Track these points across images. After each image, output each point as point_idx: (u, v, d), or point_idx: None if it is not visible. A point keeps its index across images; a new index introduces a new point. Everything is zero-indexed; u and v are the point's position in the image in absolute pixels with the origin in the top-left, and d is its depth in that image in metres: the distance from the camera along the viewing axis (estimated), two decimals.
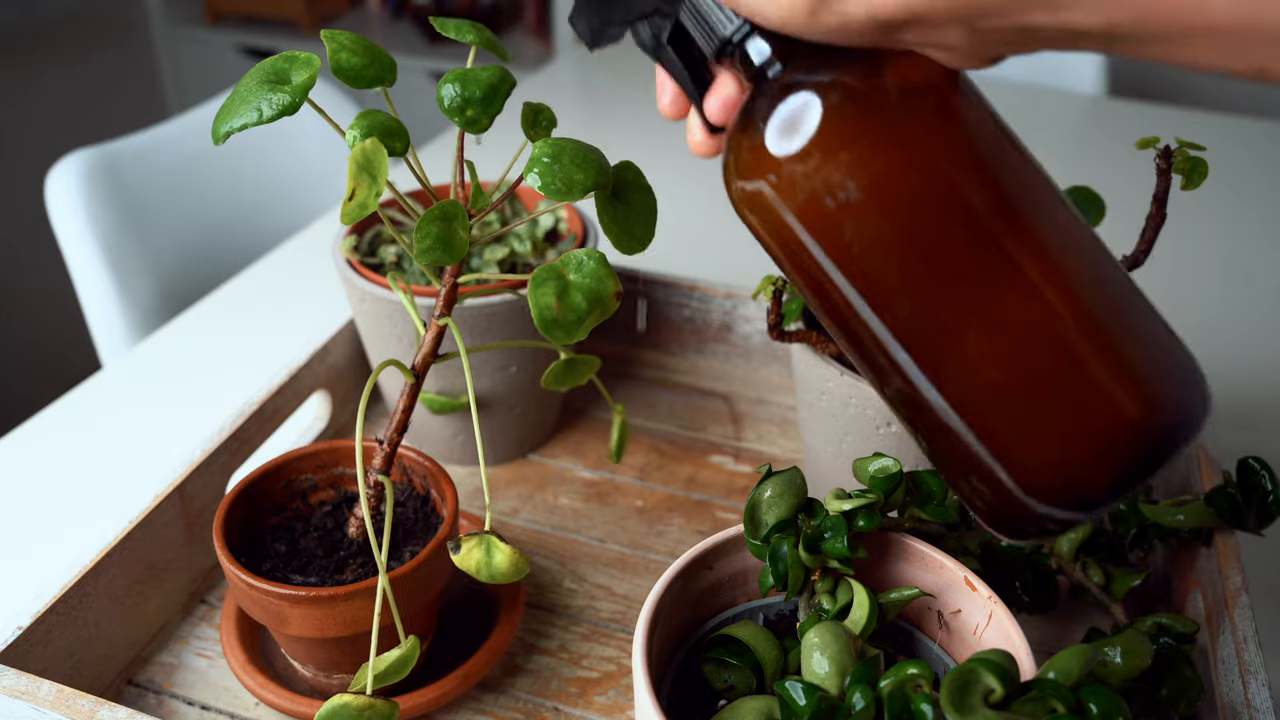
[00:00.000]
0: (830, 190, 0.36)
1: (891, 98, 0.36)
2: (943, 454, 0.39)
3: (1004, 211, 0.36)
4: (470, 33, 0.48)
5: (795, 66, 0.37)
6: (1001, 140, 0.37)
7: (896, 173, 0.35)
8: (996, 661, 0.36)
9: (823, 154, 0.36)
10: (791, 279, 0.39)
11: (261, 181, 1.22)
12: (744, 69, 0.39)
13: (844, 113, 0.35)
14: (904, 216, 0.35)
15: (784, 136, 0.36)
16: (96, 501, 0.69)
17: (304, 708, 0.50)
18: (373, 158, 0.41)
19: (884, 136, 0.35)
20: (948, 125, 0.36)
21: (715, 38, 0.39)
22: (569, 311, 0.42)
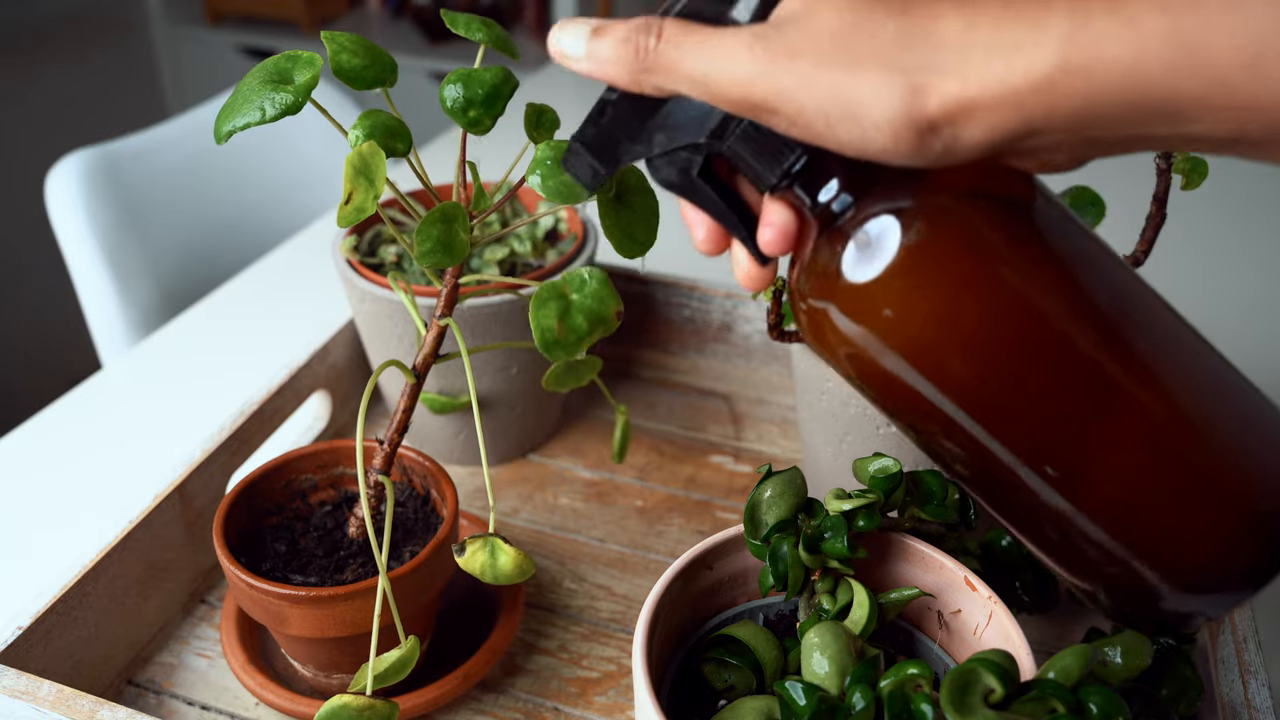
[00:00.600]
0: (938, 318, 0.34)
1: (982, 212, 0.33)
2: (1071, 558, 0.37)
3: (1106, 315, 0.34)
4: (480, 30, 0.47)
5: (872, 191, 0.35)
6: (1084, 234, 0.35)
7: (1002, 289, 0.33)
8: (996, 661, 0.36)
9: (925, 282, 0.33)
10: (885, 408, 0.37)
11: (262, 181, 1.22)
12: (808, 200, 0.36)
13: (940, 235, 0.33)
14: (1011, 335, 0.34)
15: (873, 266, 0.34)
16: (97, 501, 0.69)
17: (304, 708, 0.50)
18: (370, 161, 0.41)
19: (983, 254, 0.33)
20: (1039, 232, 0.34)
21: (775, 170, 0.35)
22: (570, 333, 0.42)
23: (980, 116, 0.31)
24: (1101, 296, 0.34)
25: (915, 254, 0.33)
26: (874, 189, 0.35)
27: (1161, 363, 0.35)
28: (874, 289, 0.34)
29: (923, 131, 0.31)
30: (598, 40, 0.35)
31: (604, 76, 0.36)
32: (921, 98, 0.31)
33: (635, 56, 0.34)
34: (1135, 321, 0.35)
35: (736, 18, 0.34)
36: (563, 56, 0.36)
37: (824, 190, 0.35)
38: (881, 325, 0.34)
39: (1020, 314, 0.33)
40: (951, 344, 0.34)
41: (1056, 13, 0.29)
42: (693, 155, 0.36)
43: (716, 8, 0.35)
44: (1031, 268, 0.34)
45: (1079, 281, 0.34)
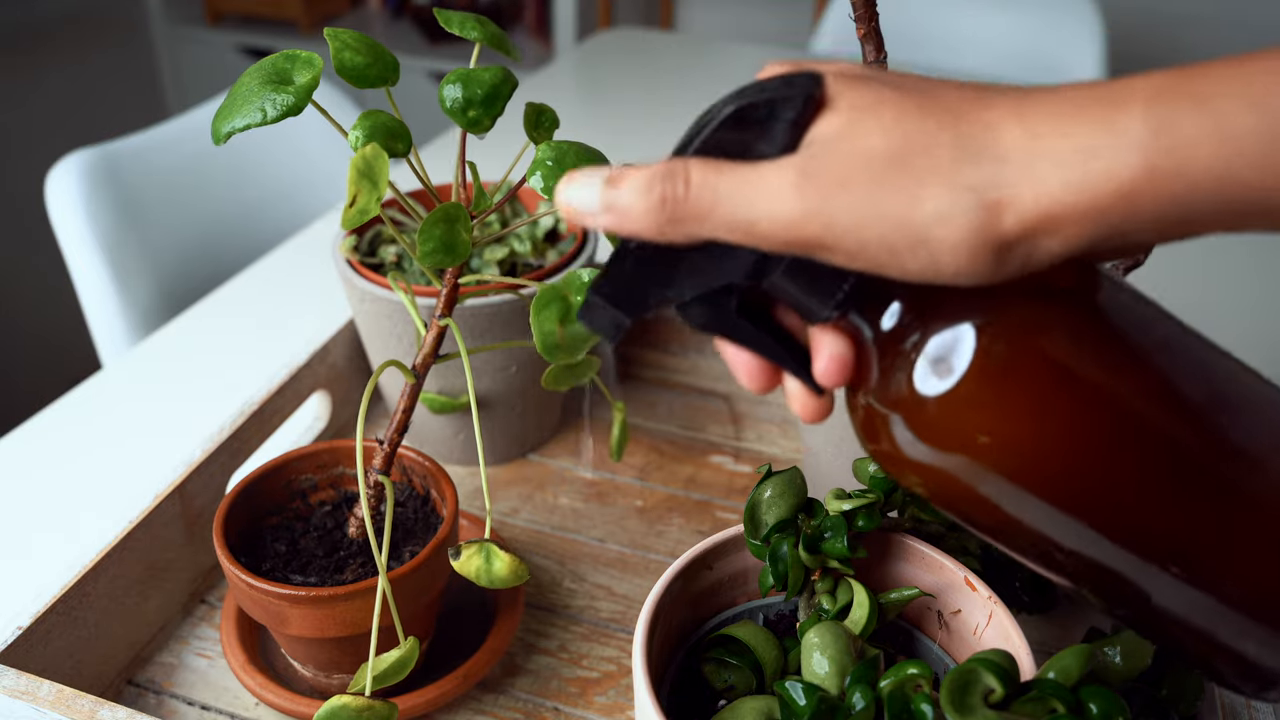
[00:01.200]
0: (1029, 429, 0.31)
1: (1055, 313, 0.32)
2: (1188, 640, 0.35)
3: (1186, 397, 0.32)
4: (475, 28, 0.47)
5: (935, 308, 0.32)
6: (1155, 312, 0.34)
7: (1091, 391, 0.31)
8: (996, 661, 0.36)
9: (1011, 398, 0.31)
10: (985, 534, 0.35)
11: (262, 181, 1.22)
12: (865, 324, 0.33)
13: (1014, 343, 0.31)
14: (1105, 438, 0.32)
15: (951, 385, 0.32)
16: (97, 501, 0.69)
17: (304, 708, 0.50)
18: (373, 164, 0.41)
19: (1060, 353, 0.31)
20: (1113, 323, 0.32)
21: (828, 304, 0.32)
22: (571, 336, 0.43)
23: (1061, 229, 0.28)
24: (1188, 380, 0.33)
25: (991, 370, 0.31)
26: (937, 305, 0.32)
27: (1260, 435, 0.33)
28: (952, 412, 0.32)
29: (999, 251, 0.29)
30: (615, 191, 0.31)
31: (628, 231, 0.32)
32: (996, 216, 0.28)
33: (661, 208, 0.31)
34: (1218, 392, 0.33)
35: (764, 150, 0.31)
36: (575, 214, 0.32)
37: (883, 315, 0.33)
38: (969, 446, 0.32)
39: (1107, 414, 0.32)
40: (1043, 456, 0.32)
41: (1132, 114, 0.27)
42: (728, 297, 0.33)
43: (741, 138, 0.31)
44: (1108, 363, 0.32)
45: (1156, 364, 0.32)
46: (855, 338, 0.34)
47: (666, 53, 1.67)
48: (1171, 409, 0.32)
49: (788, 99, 0.31)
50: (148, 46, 2.45)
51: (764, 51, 1.67)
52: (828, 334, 0.34)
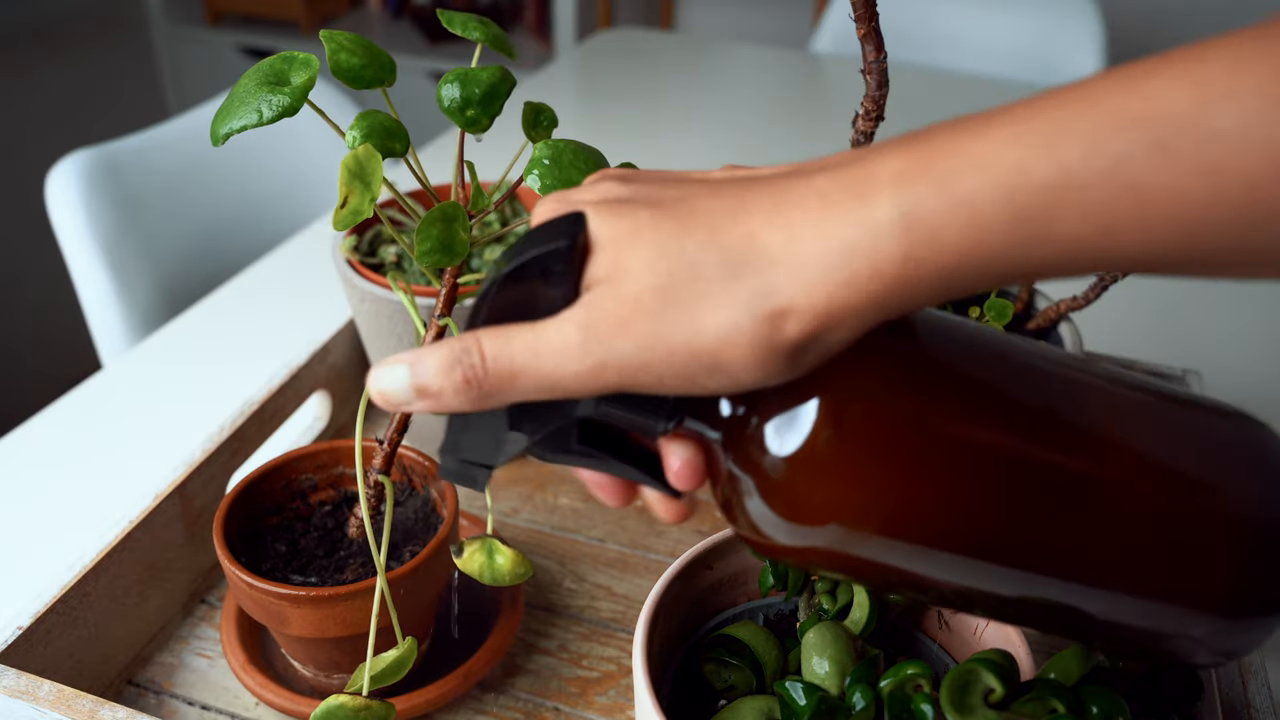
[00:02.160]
0: (888, 486, 0.32)
1: (883, 376, 0.32)
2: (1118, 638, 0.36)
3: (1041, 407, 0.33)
4: (477, 29, 0.47)
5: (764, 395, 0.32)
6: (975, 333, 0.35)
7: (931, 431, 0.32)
8: (996, 661, 0.36)
9: (857, 458, 0.32)
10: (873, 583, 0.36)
11: (262, 181, 1.22)
12: (703, 425, 0.34)
13: (849, 409, 0.32)
14: (960, 468, 0.32)
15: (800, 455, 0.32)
16: (97, 501, 0.69)
17: (304, 707, 0.50)
18: (365, 164, 0.41)
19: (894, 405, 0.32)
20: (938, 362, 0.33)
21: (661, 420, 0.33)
22: None
23: (843, 323, 0.29)
24: (1026, 390, 0.33)
25: (831, 437, 0.32)
26: (766, 391, 0.32)
27: (1109, 429, 0.34)
28: (806, 485, 0.32)
29: (791, 355, 0.29)
30: (419, 375, 0.32)
31: (446, 410, 0.32)
32: (777, 326, 0.28)
33: (468, 386, 0.31)
34: (1069, 405, 0.34)
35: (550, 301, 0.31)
36: (388, 402, 0.32)
37: (716, 412, 0.34)
38: (832, 516, 0.33)
39: (948, 447, 0.32)
40: (903, 505, 0.33)
41: (881, 204, 0.27)
42: (567, 432, 0.34)
43: (522, 295, 0.32)
44: (942, 397, 0.32)
45: (996, 385, 0.33)
46: (699, 439, 0.34)
47: (666, 53, 1.67)
48: (1010, 424, 0.33)
49: (555, 251, 0.31)
50: (148, 46, 2.45)
51: (764, 51, 1.67)
52: (673, 444, 0.34)
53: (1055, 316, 0.59)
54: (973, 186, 0.27)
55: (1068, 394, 0.34)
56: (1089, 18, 1.62)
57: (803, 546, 0.34)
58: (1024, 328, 0.61)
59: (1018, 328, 0.61)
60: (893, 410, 0.32)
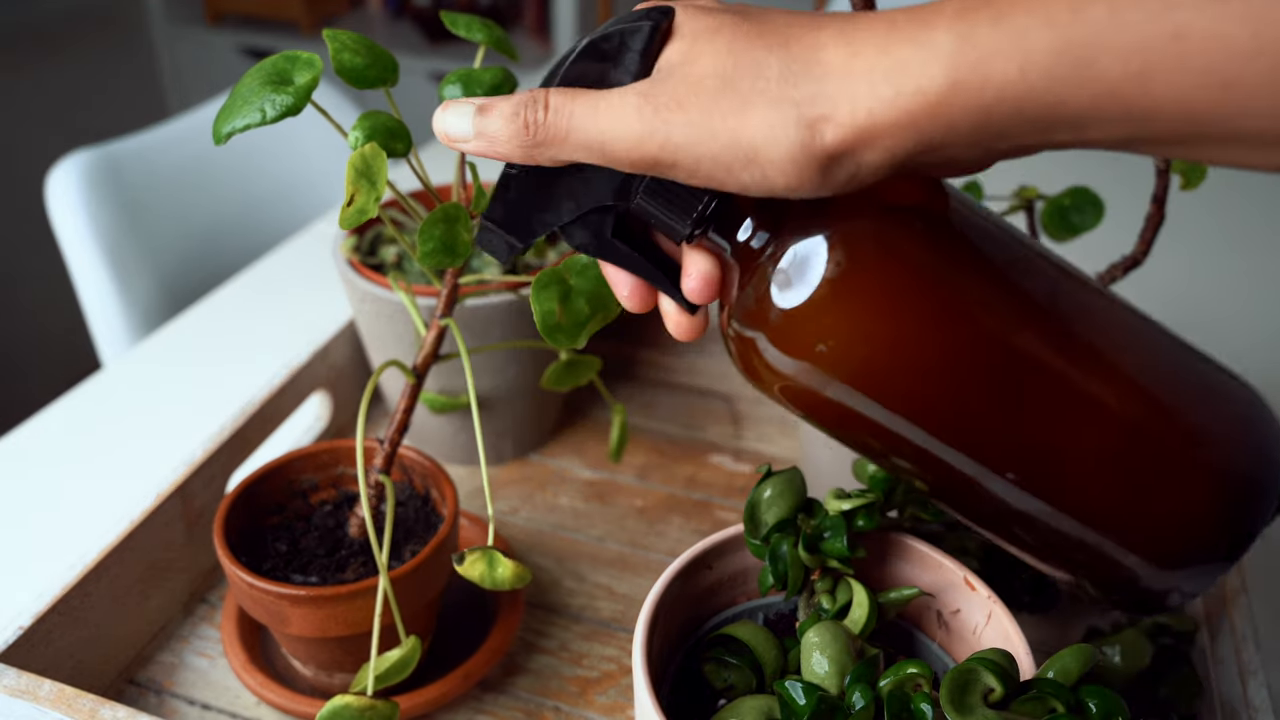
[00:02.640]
0: (874, 340, 0.33)
1: (897, 227, 0.33)
2: (1044, 551, 0.37)
3: (1041, 309, 0.34)
4: (480, 31, 0.48)
5: (787, 223, 0.34)
6: (1003, 231, 0.35)
7: (928, 300, 0.33)
8: (996, 661, 0.36)
9: (854, 306, 0.33)
10: (845, 438, 0.37)
11: (262, 181, 1.22)
12: (726, 244, 0.35)
13: (864, 258, 0.33)
14: (947, 345, 0.33)
15: (808, 299, 0.33)
16: (97, 501, 0.69)
17: (305, 707, 0.50)
18: (372, 163, 0.41)
19: (904, 268, 0.33)
20: (957, 236, 0.34)
21: (686, 221, 0.34)
22: (572, 316, 0.42)
23: (878, 141, 0.30)
24: (1033, 290, 0.34)
25: (839, 280, 0.33)
26: (788, 221, 0.34)
27: (1107, 348, 0.34)
28: (805, 321, 0.34)
29: (824, 164, 0.30)
30: (485, 118, 0.34)
31: (497, 155, 0.35)
32: (817, 131, 0.30)
33: (525, 132, 0.34)
34: (1072, 311, 0.34)
35: (620, 78, 0.33)
36: (449, 139, 0.35)
37: (739, 231, 0.35)
38: (819, 355, 0.34)
39: (951, 322, 0.33)
40: (892, 363, 0.34)
41: (939, 30, 0.29)
42: (603, 217, 0.36)
43: (600, 69, 0.34)
44: (954, 274, 0.33)
45: (1005, 278, 0.34)
46: (719, 257, 0.36)
47: None
48: (1015, 317, 0.33)
49: (637, 30, 0.33)
50: (148, 46, 2.45)
51: None
52: (695, 253, 0.36)
53: None
54: (1025, 21, 0.28)
55: (1076, 299, 0.35)
56: None
57: (786, 377, 0.35)
58: None
59: None
60: (900, 261, 0.33)
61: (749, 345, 0.35)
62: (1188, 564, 0.36)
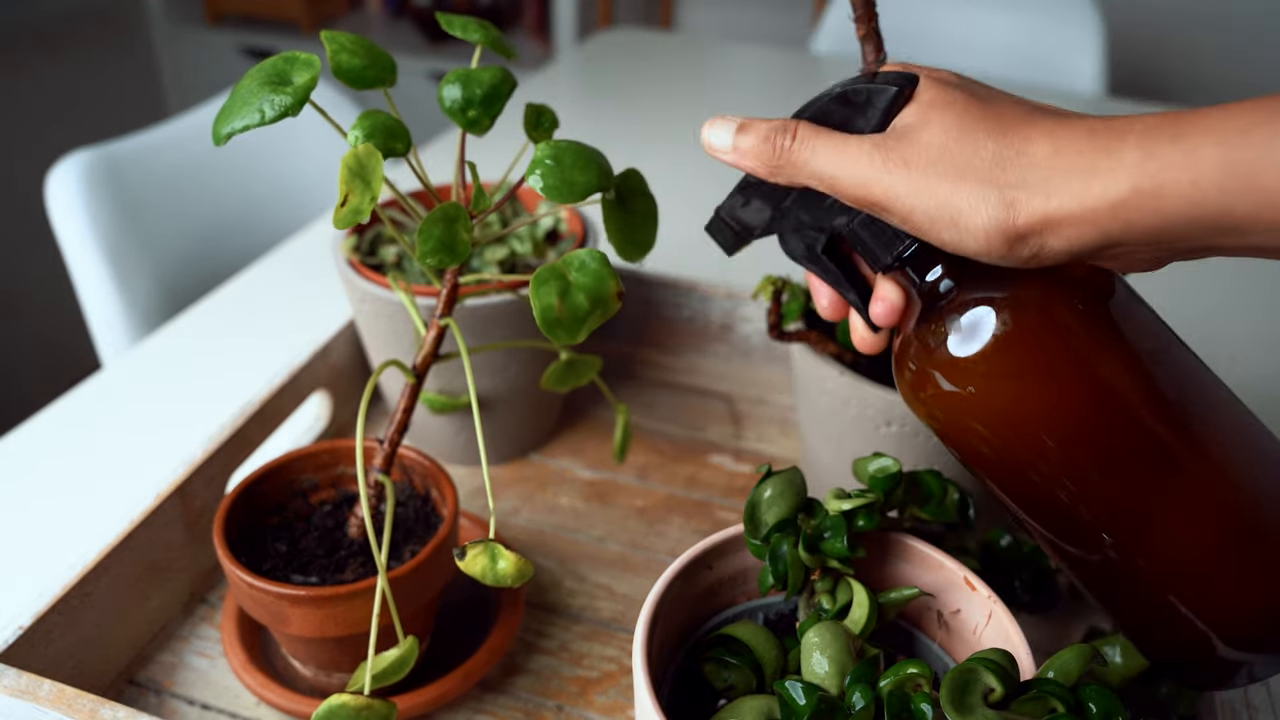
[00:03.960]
0: (1022, 397, 0.38)
1: (1065, 305, 0.37)
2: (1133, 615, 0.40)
3: (1173, 402, 0.37)
4: (476, 31, 0.48)
5: (969, 280, 0.39)
6: (1158, 326, 0.39)
7: (1077, 375, 0.37)
8: (996, 661, 0.36)
9: (1009, 358, 0.38)
10: (972, 467, 0.41)
11: (262, 181, 1.22)
12: (915, 281, 0.41)
13: (1027, 324, 0.37)
14: (1082, 416, 0.37)
15: (972, 348, 0.38)
16: (97, 501, 0.69)
17: (305, 707, 0.50)
18: (366, 163, 0.41)
19: (1062, 343, 0.37)
20: (1115, 324, 0.38)
21: (888, 255, 0.40)
22: (571, 311, 0.42)
23: (1062, 230, 0.35)
24: (1170, 385, 0.38)
25: (1004, 338, 0.38)
26: (973, 278, 0.39)
27: (1221, 445, 0.38)
28: (967, 366, 0.38)
29: (1012, 240, 0.36)
30: (742, 136, 0.41)
31: (746, 168, 0.41)
32: (1012, 211, 0.35)
33: (773, 154, 0.40)
34: (1199, 409, 0.38)
35: (860, 127, 0.39)
36: (711, 149, 0.42)
37: (929, 274, 0.40)
38: (974, 396, 0.39)
39: (1091, 394, 0.37)
40: (1032, 419, 0.38)
41: (1129, 144, 0.34)
42: (818, 234, 0.42)
43: (845, 113, 0.40)
44: (1099, 353, 0.37)
45: (1146, 367, 0.38)
46: (906, 291, 0.42)
47: (666, 53, 1.67)
48: (1146, 403, 0.37)
49: (883, 91, 0.39)
50: (148, 46, 2.45)
51: (764, 51, 1.67)
52: (887, 283, 0.42)
53: None
54: (1200, 140, 0.32)
55: (1205, 397, 0.39)
56: (1089, 17, 1.62)
57: (940, 408, 0.40)
58: None
59: None
60: (1056, 332, 0.37)
61: (917, 375, 0.40)
62: (1263, 649, 0.39)
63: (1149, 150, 0.33)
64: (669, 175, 0.83)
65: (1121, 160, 0.33)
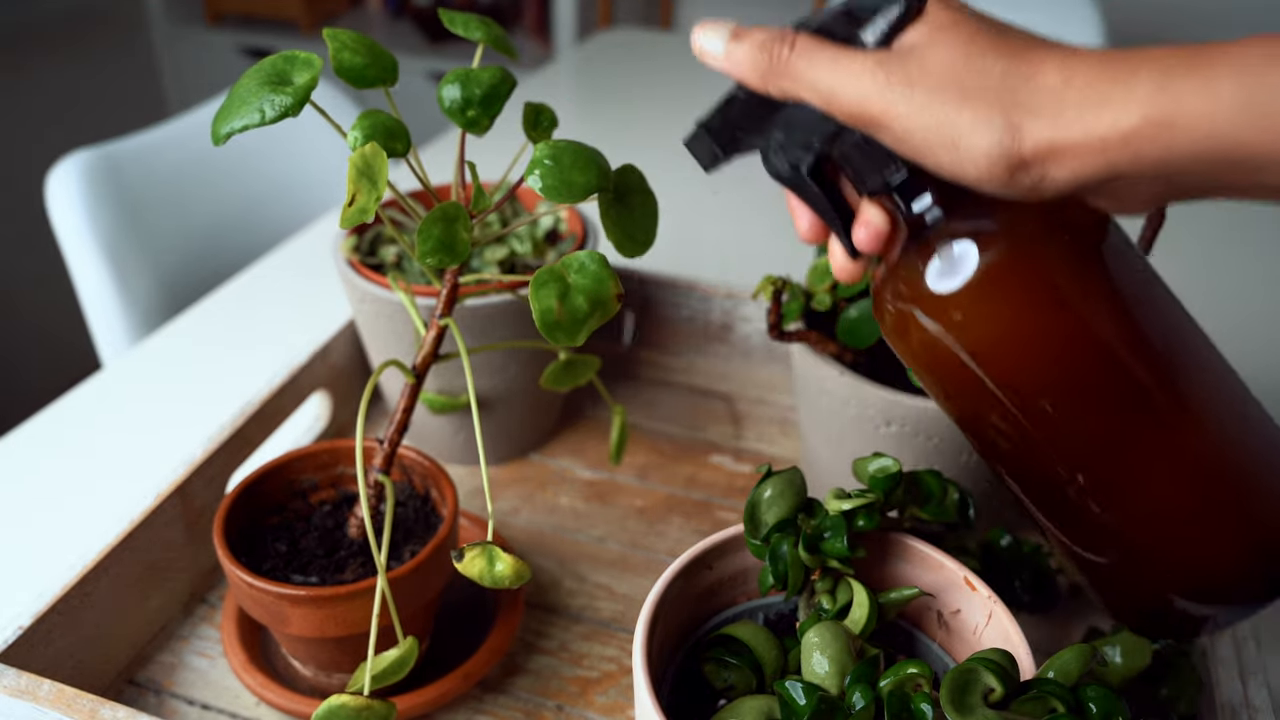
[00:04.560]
0: (1005, 333, 0.37)
1: (1056, 243, 0.37)
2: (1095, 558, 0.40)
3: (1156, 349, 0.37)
4: (478, 29, 0.48)
5: (959, 211, 0.38)
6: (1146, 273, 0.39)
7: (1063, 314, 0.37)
8: (996, 661, 0.36)
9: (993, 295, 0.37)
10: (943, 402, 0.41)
11: (262, 180, 1.22)
12: (903, 208, 0.39)
13: (1014, 260, 0.37)
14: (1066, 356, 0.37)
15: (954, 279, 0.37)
16: (97, 501, 0.69)
17: (304, 707, 0.50)
18: (373, 163, 0.41)
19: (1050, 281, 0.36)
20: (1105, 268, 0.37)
21: (878, 177, 0.39)
22: (570, 313, 0.42)
23: (1067, 160, 0.34)
24: (1154, 331, 0.37)
25: (990, 274, 0.37)
26: (963, 208, 0.38)
27: (1200, 396, 0.38)
28: (951, 300, 0.37)
29: (1014, 167, 0.34)
30: (736, 43, 0.39)
31: (738, 76, 0.40)
32: (1017, 137, 0.34)
33: (769, 62, 0.38)
34: (1181, 357, 0.38)
35: (864, 41, 0.38)
36: (701, 53, 0.40)
37: (918, 201, 0.39)
38: (955, 332, 0.38)
39: (1076, 338, 0.36)
40: (1015, 356, 0.37)
41: (1142, 74, 0.33)
42: (804, 154, 0.40)
43: (846, 29, 0.38)
44: (1092, 298, 0.37)
45: (1134, 315, 0.37)
46: (892, 217, 0.40)
47: (666, 53, 1.67)
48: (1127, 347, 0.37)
49: (890, 6, 0.38)
50: (148, 46, 2.45)
51: None
52: (873, 208, 0.40)
53: None
54: (1217, 73, 0.32)
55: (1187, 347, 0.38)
56: (1089, 17, 1.62)
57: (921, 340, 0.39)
58: None
59: None
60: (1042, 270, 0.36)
61: (899, 308, 0.40)
62: (1228, 599, 0.39)
63: (1163, 82, 0.32)
64: (669, 175, 0.83)
65: (1134, 91, 0.33)
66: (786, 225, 1.03)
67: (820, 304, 0.61)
